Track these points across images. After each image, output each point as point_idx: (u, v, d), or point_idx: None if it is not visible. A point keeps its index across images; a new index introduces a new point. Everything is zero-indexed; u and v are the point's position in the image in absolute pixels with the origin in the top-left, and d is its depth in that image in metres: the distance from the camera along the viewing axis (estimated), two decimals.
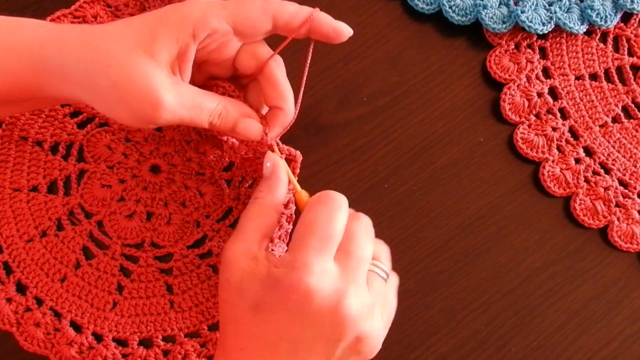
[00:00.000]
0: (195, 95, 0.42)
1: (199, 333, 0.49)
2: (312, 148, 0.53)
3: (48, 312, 0.49)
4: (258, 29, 0.43)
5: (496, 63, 0.56)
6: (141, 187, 0.51)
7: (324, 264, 0.39)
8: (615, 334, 0.52)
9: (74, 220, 0.51)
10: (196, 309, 0.50)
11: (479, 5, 0.56)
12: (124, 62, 0.39)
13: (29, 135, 0.52)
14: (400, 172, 0.54)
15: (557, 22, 0.56)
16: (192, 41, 0.41)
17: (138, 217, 0.51)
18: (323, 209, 0.40)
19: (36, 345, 0.48)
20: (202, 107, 0.42)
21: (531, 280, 0.52)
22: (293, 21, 0.43)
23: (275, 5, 0.43)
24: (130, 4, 0.55)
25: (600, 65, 0.57)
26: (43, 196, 0.51)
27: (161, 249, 0.51)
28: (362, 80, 0.55)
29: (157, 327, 0.49)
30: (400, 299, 0.44)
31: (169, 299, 0.50)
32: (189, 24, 0.40)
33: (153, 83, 0.40)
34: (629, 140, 0.55)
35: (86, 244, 0.50)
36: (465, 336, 0.51)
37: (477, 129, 0.55)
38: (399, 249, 0.52)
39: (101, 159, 0.52)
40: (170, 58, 0.41)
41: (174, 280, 0.50)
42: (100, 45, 0.40)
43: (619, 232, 0.53)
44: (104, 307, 0.49)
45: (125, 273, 0.50)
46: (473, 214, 0.53)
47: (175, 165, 0.52)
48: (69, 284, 0.50)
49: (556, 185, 0.54)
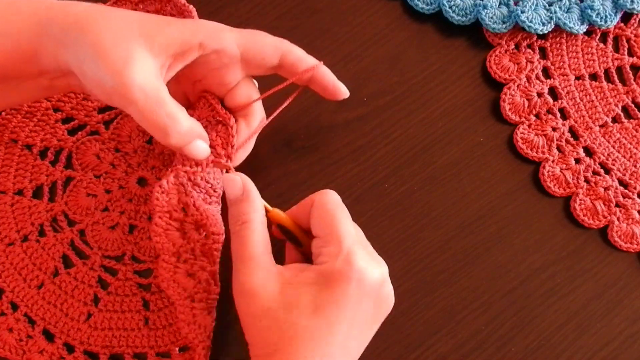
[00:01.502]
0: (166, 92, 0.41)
1: (169, 353, 0.48)
2: (312, 148, 0.53)
3: (22, 318, 0.48)
4: (265, 62, 0.45)
5: (496, 63, 0.56)
6: (126, 199, 0.51)
7: (358, 246, 0.42)
8: (615, 334, 0.52)
9: (56, 227, 0.50)
10: (170, 328, 0.49)
11: (479, 5, 0.56)
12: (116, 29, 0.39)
13: (19, 138, 0.51)
14: (400, 172, 0.54)
15: (557, 22, 0.56)
16: (196, 49, 0.41)
17: (120, 229, 0.50)
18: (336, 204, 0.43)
19: (7, 350, 0.47)
20: (165, 102, 0.40)
21: (531, 280, 0.52)
22: (298, 65, 0.45)
23: (286, 45, 0.45)
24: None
25: (600, 65, 0.57)
26: (28, 200, 0.50)
27: (141, 264, 0.50)
28: (362, 80, 0.55)
29: (130, 343, 0.48)
30: (400, 299, 0.44)
31: (144, 315, 0.49)
32: (201, 32, 0.42)
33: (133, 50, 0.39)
34: (629, 140, 0.55)
35: (66, 252, 0.50)
36: (465, 336, 0.51)
37: (477, 129, 0.55)
38: (399, 249, 0.52)
39: (89, 168, 0.51)
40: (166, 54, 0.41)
41: (152, 297, 0.49)
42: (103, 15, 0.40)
43: (619, 232, 0.53)
44: (79, 318, 0.49)
45: (102, 285, 0.49)
46: (473, 214, 0.53)
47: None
48: (46, 291, 0.49)
49: (556, 185, 0.54)
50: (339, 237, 0.41)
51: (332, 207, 0.43)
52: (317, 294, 0.40)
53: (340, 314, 0.40)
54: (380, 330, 0.43)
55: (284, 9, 0.57)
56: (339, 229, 0.42)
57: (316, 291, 0.40)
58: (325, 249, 0.42)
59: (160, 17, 0.42)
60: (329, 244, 0.42)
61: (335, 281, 0.40)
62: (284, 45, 0.45)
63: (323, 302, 0.40)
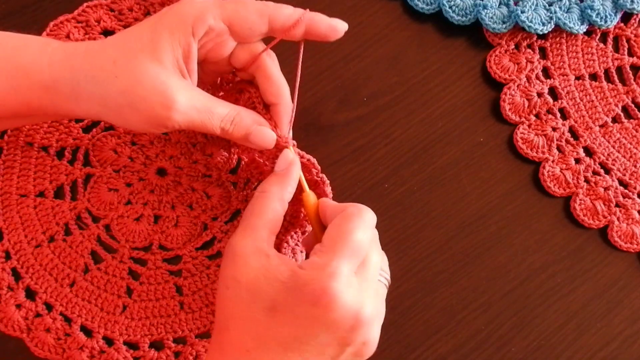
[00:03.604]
0: (207, 99, 0.42)
1: (209, 333, 0.49)
2: (312, 148, 0.53)
3: (58, 317, 0.49)
4: (254, 31, 0.43)
5: (496, 63, 0.56)
6: (148, 190, 0.51)
7: (351, 274, 0.39)
8: (615, 334, 0.52)
9: (81, 225, 0.51)
10: (206, 309, 0.50)
11: (479, 5, 0.56)
12: (131, 68, 0.40)
13: (35, 140, 0.52)
14: (400, 172, 0.54)
15: (557, 22, 0.56)
16: (192, 40, 0.41)
17: (145, 220, 0.51)
18: (361, 224, 0.40)
19: (47, 351, 0.48)
20: (214, 111, 0.42)
21: (531, 280, 0.52)
22: (289, 24, 0.43)
23: (271, 8, 0.43)
24: (134, 8, 0.55)
25: (600, 65, 0.57)
26: (50, 201, 0.51)
27: (169, 252, 0.51)
28: (362, 80, 0.55)
29: (168, 329, 0.49)
30: (400, 299, 0.44)
31: (178, 300, 0.50)
32: (188, 23, 0.41)
33: (163, 84, 0.40)
34: (629, 140, 0.55)
35: (94, 248, 0.50)
36: (465, 336, 0.51)
37: (477, 129, 0.55)
38: (399, 249, 0.52)
39: (107, 163, 0.52)
40: (176, 60, 0.41)
41: (184, 282, 0.50)
42: (106, 57, 0.40)
43: (619, 232, 0.53)
44: (114, 311, 0.49)
45: (134, 276, 0.50)
46: (473, 214, 0.53)
47: (182, 168, 0.52)
48: (78, 288, 0.49)
49: (556, 185, 0.54)
50: (336, 252, 0.39)
51: (355, 224, 0.40)
52: (280, 294, 0.38)
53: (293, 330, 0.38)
54: (381, 330, 0.43)
55: None
56: (342, 246, 0.39)
57: (281, 291, 0.38)
58: (315, 256, 0.39)
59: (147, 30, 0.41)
60: (324, 253, 0.39)
61: (300, 292, 0.38)
62: (269, 9, 0.43)
63: (280, 306, 0.38)
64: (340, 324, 0.38)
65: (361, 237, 0.40)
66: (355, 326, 0.38)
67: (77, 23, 0.54)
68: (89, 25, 0.54)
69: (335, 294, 0.37)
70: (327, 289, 0.37)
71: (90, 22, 0.54)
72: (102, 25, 0.54)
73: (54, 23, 0.53)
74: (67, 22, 0.54)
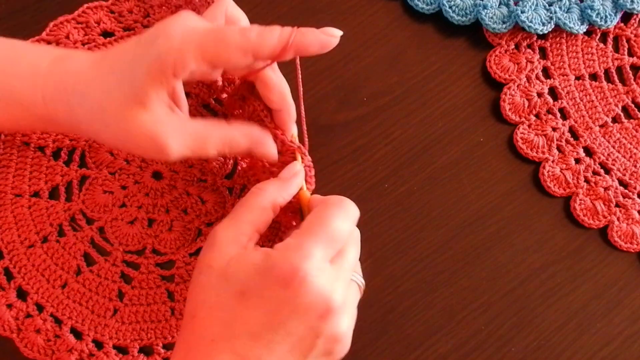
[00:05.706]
0: (200, 130, 0.42)
1: None
2: (312, 148, 0.53)
3: (48, 319, 0.49)
4: (239, 66, 0.41)
5: (496, 63, 0.56)
6: (143, 194, 0.51)
7: (325, 260, 0.38)
8: (615, 334, 0.52)
9: (75, 226, 0.51)
10: None
11: (479, 5, 0.56)
12: (119, 118, 0.39)
13: (31, 140, 0.52)
14: (400, 172, 0.54)
15: (557, 22, 0.56)
16: (175, 81, 0.40)
17: (139, 223, 0.51)
18: (341, 213, 0.40)
19: (36, 351, 0.48)
20: (208, 141, 0.42)
21: (531, 280, 0.52)
22: (275, 53, 0.40)
23: (253, 42, 0.39)
24: (134, 10, 0.55)
25: (600, 65, 0.57)
26: (44, 202, 0.51)
27: (163, 256, 0.50)
28: (362, 80, 0.55)
29: (158, 335, 0.49)
30: (400, 299, 0.44)
31: (170, 306, 0.50)
32: (169, 68, 0.38)
33: (151, 132, 0.39)
34: (629, 140, 0.55)
35: (87, 250, 0.50)
36: (465, 336, 0.51)
37: (477, 129, 0.55)
38: (399, 249, 0.52)
39: (103, 165, 0.52)
40: (162, 100, 0.40)
41: (176, 287, 0.50)
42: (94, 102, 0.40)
43: (619, 232, 0.53)
44: (105, 314, 0.49)
45: (126, 280, 0.50)
46: (473, 214, 0.53)
47: (177, 172, 0.52)
48: (70, 290, 0.49)
49: (556, 185, 0.54)
50: (311, 235, 0.38)
51: (334, 211, 0.40)
52: (250, 278, 0.37)
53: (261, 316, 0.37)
54: (381, 330, 0.43)
55: (284, 9, 0.57)
56: (319, 230, 0.38)
57: (252, 274, 0.37)
58: (290, 238, 0.38)
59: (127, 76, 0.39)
60: (298, 235, 0.38)
61: (270, 274, 0.37)
62: (251, 44, 0.39)
63: (250, 290, 0.37)
64: (310, 309, 0.37)
65: (340, 226, 0.39)
66: (324, 314, 0.37)
67: (77, 24, 0.54)
68: (88, 26, 0.54)
69: (305, 276, 0.37)
70: (298, 270, 0.36)
71: (90, 23, 0.54)
72: (101, 26, 0.54)
73: (54, 23, 0.53)
74: (67, 23, 0.54)
